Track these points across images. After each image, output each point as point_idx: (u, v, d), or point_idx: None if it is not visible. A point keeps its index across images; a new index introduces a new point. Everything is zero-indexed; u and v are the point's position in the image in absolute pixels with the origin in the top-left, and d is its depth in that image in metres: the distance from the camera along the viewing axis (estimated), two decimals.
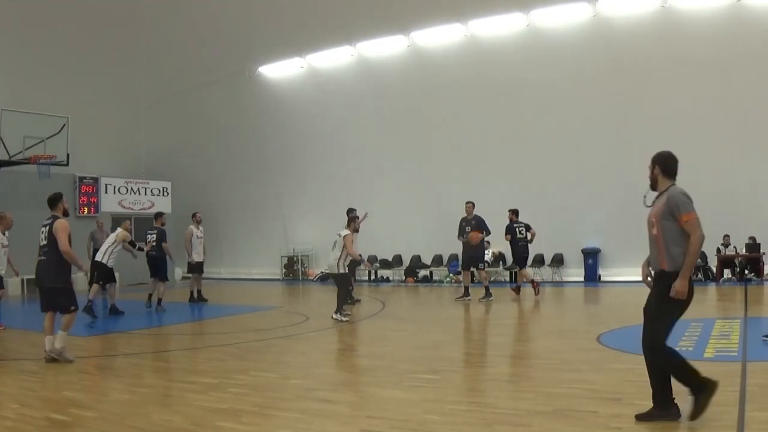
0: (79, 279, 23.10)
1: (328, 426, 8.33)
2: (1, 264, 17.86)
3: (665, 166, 8.76)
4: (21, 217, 20.21)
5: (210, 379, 11.04)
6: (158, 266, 22.45)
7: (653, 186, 8.87)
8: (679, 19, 25.88)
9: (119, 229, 21.62)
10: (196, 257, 23.98)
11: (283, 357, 13.60)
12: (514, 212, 24.37)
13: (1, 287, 17.96)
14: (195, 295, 24.30)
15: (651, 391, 8.01)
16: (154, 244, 22.41)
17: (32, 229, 18.22)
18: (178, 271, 34.49)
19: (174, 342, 16.16)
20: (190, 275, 24.87)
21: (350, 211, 22.20)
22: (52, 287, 12.82)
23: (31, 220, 19.35)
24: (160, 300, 21.78)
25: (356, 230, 20.72)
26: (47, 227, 12.89)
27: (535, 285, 24.11)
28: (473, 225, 23.33)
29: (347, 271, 19.81)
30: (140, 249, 22.46)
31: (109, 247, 20.93)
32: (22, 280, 29.23)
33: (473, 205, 23.82)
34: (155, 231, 22.62)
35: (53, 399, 9.76)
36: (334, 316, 18.65)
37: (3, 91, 29.32)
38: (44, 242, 12.90)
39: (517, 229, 24.04)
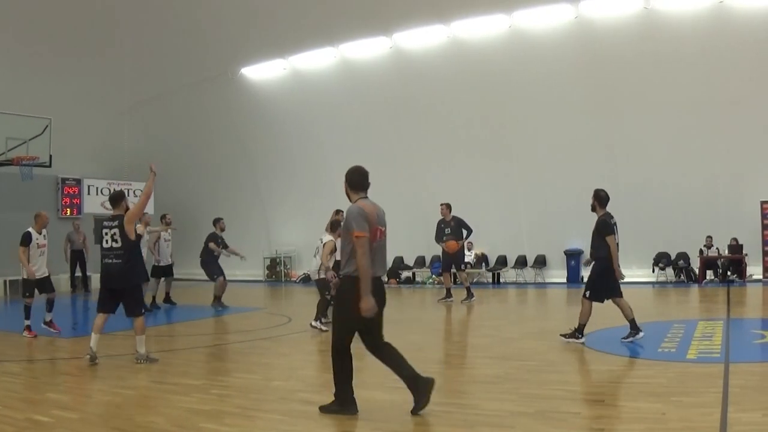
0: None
1: (311, 428, 8.35)
2: (40, 264, 17.28)
3: (350, 181, 9.20)
4: (2, 218, 20.07)
5: (193, 381, 11.02)
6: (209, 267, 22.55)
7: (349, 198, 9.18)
8: (662, 20, 25.94)
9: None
10: (163, 260, 23.70)
11: (266, 359, 13.58)
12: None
13: (51, 290, 17.45)
14: (155, 299, 23.65)
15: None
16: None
17: (14, 231, 18.13)
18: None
19: (157, 344, 16.09)
20: (154, 278, 24.15)
21: (337, 212, 22.13)
22: (127, 289, 12.57)
23: (13, 222, 19.27)
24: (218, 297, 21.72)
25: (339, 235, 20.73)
26: (115, 228, 12.49)
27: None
28: (452, 227, 23.27)
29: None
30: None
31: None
32: (5, 282, 29.13)
33: (449, 206, 23.76)
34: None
35: (35, 400, 9.72)
36: (313, 323, 18.54)
37: None
38: (116, 244, 12.49)
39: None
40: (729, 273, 27.07)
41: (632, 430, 7.59)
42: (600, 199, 14.87)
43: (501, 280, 31.15)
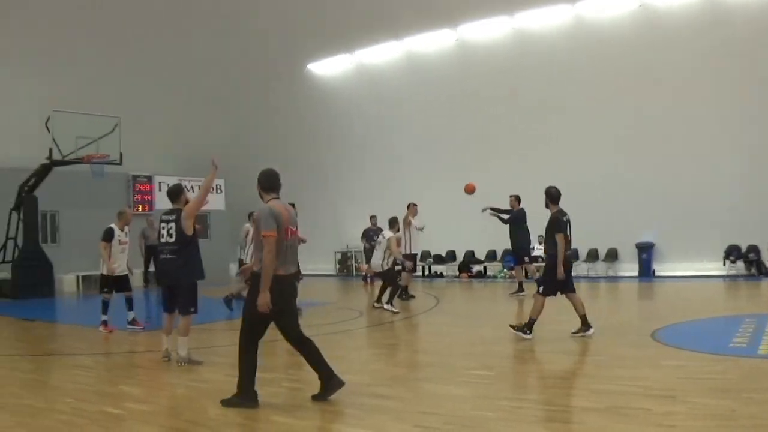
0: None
1: (382, 421, 8.39)
2: (121, 262, 17.33)
3: (261, 183, 9.70)
4: (75, 216, 20.29)
5: (265, 374, 11.10)
6: None
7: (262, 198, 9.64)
8: (723, 10, 25.75)
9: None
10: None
11: (337, 352, 13.61)
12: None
13: (129, 288, 17.48)
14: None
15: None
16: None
17: (86, 228, 18.41)
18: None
19: (229, 337, 16.25)
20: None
21: (410, 206, 22.36)
22: (181, 286, 12.36)
23: (86, 219, 19.54)
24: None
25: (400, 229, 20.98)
26: (172, 222, 12.30)
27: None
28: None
29: (391, 267, 19.98)
30: None
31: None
32: (77, 277, 29.54)
33: (517, 198, 23.69)
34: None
35: (109, 393, 9.89)
36: (386, 306, 18.81)
37: (55, 93, 29.55)
38: (171, 239, 12.29)
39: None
40: None
41: (702, 426, 7.55)
42: (551, 196, 15.29)
43: (573, 274, 30.93)
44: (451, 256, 33.95)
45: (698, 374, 9.89)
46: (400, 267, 20.40)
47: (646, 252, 28.99)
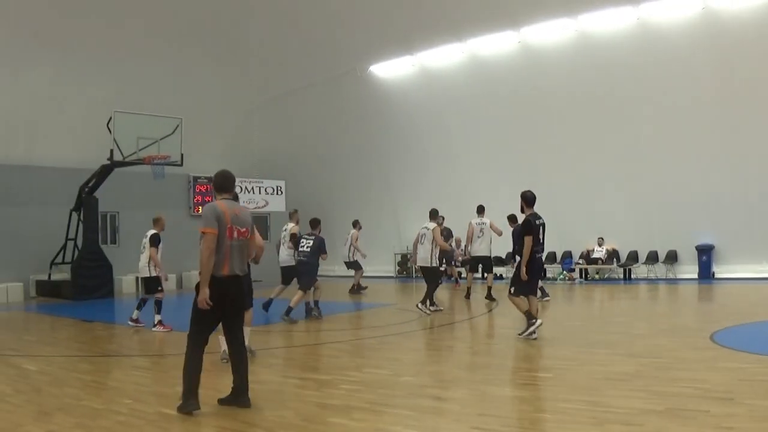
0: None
1: (439, 423, 8.45)
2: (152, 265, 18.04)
3: (214, 184, 9.57)
4: (135, 217, 20.55)
5: (323, 376, 11.22)
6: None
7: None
8: None
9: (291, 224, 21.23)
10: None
11: (395, 354, 13.72)
12: None
13: (160, 290, 18.09)
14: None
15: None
16: (308, 250, 21.47)
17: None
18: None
19: (287, 339, 16.38)
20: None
21: (479, 209, 22.51)
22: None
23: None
24: (316, 302, 21.05)
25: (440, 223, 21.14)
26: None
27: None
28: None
29: (439, 264, 20.05)
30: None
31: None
32: (136, 278, 29.89)
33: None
34: (313, 237, 20.40)
35: (165, 394, 9.98)
36: (420, 306, 18.88)
37: (117, 94, 29.89)
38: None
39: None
40: None
41: (762, 428, 7.53)
42: (526, 200, 15.34)
43: (632, 276, 30.82)
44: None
45: (757, 376, 9.85)
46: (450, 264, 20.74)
47: (705, 254, 28.79)
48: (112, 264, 28.27)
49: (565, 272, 31.40)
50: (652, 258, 30.29)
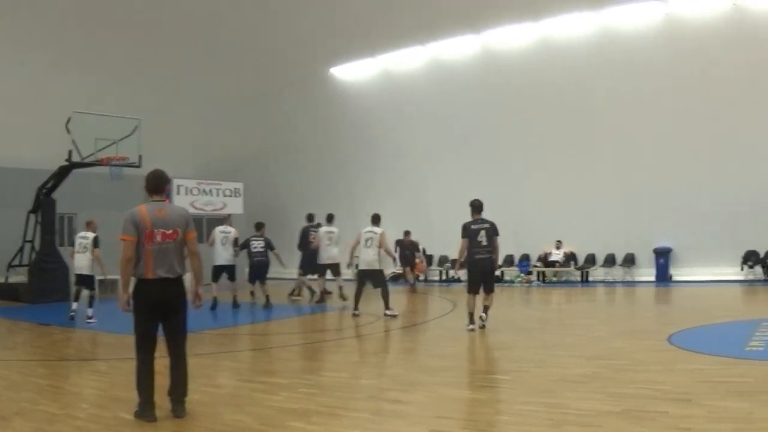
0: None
1: (398, 426, 8.41)
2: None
3: (147, 185, 9.50)
4: (94, 218, 20.49)
5: (280, 380, 11.16)
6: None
7: None
8: (753, 17, 25.71)
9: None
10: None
11: (353, 357, 13.72)
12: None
13: (94, 288, 18.79)
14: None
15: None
16: (262, 249, 22.82)
17: (104, 231, 18.69)
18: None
19: (244, 342, 16.33)
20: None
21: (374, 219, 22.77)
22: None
23: (103, 222, 19.77)
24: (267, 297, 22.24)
25: None
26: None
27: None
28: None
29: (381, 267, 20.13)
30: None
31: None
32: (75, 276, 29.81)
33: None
34: (261, 238, 23.04)
35: (123, 398, 9.87)
36: (388, 313, 18.89)
37: (76, 94, 29.67)
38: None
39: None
40: None
41: (719, 429, 7.54)
42: (472, 207, 16.54)
43: (590, 279, 30.97)
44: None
45: (715, 377, 9.89)
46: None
47: (663, 257, 29.00)
48: (69, 267, 28.06)
49: (522, 275, 31.50)
50: (610, 261, 30.52)
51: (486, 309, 16.18)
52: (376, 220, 20.62)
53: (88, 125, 26.58)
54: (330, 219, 24.51)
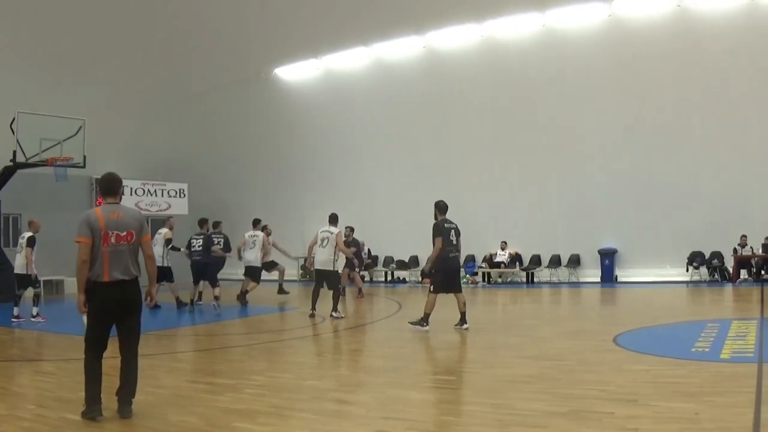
0: None
1: (344, 427, 8.36)
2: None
3: (100, 188, 9.36)
4: (38, 218, 20.31)
5: (227, 380, 11.07)
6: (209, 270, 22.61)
7: None
8: (697, 17, 25.90)
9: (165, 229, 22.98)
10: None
11: (299, 358, 13.65)
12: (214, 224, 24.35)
13: (37, 286, 19.74)
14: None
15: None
16: (200, 249, 22.18)
17: (48, 231, 18.52)
18: None
19: (190, 343, 16.22)
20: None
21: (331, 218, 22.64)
22: None
23: (48, 222, 19.66)
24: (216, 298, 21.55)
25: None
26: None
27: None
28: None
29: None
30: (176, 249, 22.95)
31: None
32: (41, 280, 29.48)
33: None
34: (201, 236, 22.45)
35: (69, 399, 9.75)
36: (334, 315, 18.83)
37: (19, 94, 29.36)
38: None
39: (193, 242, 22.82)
40: (763, 272, 26.87)
41: (665, 430, 7.56)
42: (438, 208, 16.76)
43: (535, 280, 31.07)
44: (414, 261, 33.90)
45: (660, 378, 9.91)
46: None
47: (608, 258, 29.17)
48: (14, 266, 27.78)
49: (467, 276, 31.52)
50: (555, 262, 30.64)
51: (464, 315, 16.31)
52: (333, 219, 20.45)
53: (33, 125, 26.39)
54: (255, 223, 24.33)
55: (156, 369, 12.07)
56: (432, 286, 16.15)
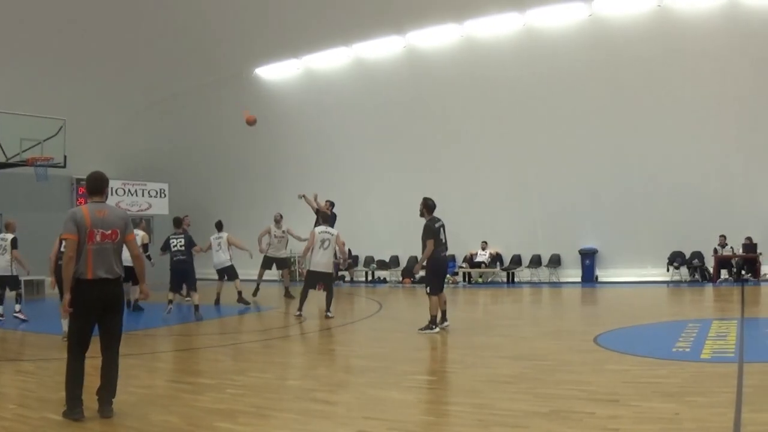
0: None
1: (325, 427, 8.35)
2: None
3: (87, 187, 9.41)
4: (17, 219, 20.30)
5: (208, 380, 11.06)
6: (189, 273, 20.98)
7: None
8: (677, 17, 25.94)
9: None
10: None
11: (280, 358, 13.64)
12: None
13: (20, 286, 19.22)
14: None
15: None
16: (182, 248, 20.66)
17: (29, 231, 18.50)
18: None
19: (171, 343, 16.16)
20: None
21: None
22: None
23: (28, 222, 19.64)
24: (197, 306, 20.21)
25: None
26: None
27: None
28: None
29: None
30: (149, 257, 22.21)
31: None
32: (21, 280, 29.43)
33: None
34: (182, 235, 20.93)
35: (50, 399, 9.72)
36: (329, 314, 18.80)
37: (0, 93, 29.27)
38: None
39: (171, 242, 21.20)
40: (743, 272, 26.89)
41: (646, 430, 7.57)
42: (427, 206, 16.76)
43: (516, 280, 31.07)
44: (395, 261, 33.93)
45: (641, 378, 9.93)
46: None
47: (589, 258, 29.20)
48: None
49: (448, 275, 31.50)
50: (536, 262, 30.64)
51: (444, 313, 16.27)
52: (331, 220, 20.50)
53: (13, 125, 26.25)
54: (219, 226, 24.12)
55: (137, 369, 12.04)
56: (429, 288, 16.03)
